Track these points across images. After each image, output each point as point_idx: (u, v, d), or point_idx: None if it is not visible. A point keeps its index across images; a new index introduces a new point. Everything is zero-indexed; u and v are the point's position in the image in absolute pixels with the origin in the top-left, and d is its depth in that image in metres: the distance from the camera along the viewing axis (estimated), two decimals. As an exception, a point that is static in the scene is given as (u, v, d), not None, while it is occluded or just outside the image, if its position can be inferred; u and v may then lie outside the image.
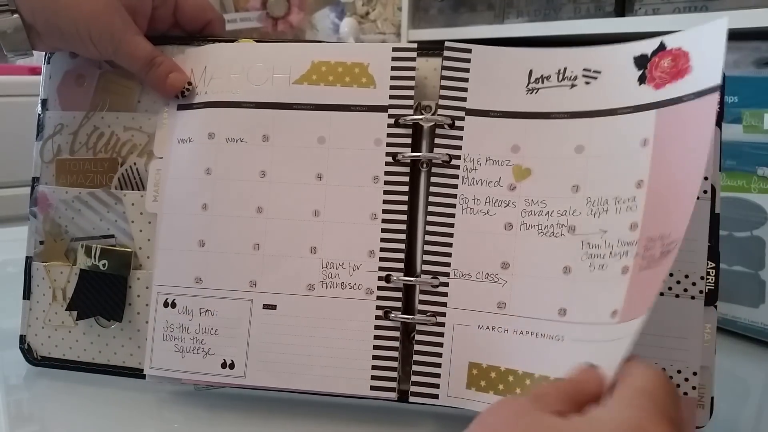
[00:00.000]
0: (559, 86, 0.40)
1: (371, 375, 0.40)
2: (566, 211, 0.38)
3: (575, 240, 0.38)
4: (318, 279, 0.41)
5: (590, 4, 1.04)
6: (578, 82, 0.39)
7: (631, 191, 0.36)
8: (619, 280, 0.35)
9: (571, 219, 0.38)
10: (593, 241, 0.37)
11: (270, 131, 0.43)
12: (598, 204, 0.37)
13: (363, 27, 1.51)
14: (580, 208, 0.38)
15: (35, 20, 0.41)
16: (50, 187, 0.46)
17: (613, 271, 0.35)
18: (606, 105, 0.38)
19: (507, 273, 0.39)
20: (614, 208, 0.37)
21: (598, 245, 0.37)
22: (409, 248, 0.41)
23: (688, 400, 0.38)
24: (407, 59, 0.42)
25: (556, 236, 0.38)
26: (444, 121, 0.40)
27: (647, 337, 0.38)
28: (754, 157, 0.57)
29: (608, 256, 0.36)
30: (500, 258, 0.39)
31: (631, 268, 0.35)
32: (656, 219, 0.34)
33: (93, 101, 0.46)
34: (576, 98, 0.39)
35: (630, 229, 0.35)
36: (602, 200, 0.37)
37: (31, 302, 0.46)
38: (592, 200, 0.37)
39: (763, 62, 0.66)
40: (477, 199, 0.40)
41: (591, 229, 0.37)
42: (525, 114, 0.40)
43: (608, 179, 0.37)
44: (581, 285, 0.37)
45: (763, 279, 0.57)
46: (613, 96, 0.38)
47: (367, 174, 0.42)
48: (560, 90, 0.39)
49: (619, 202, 0.36)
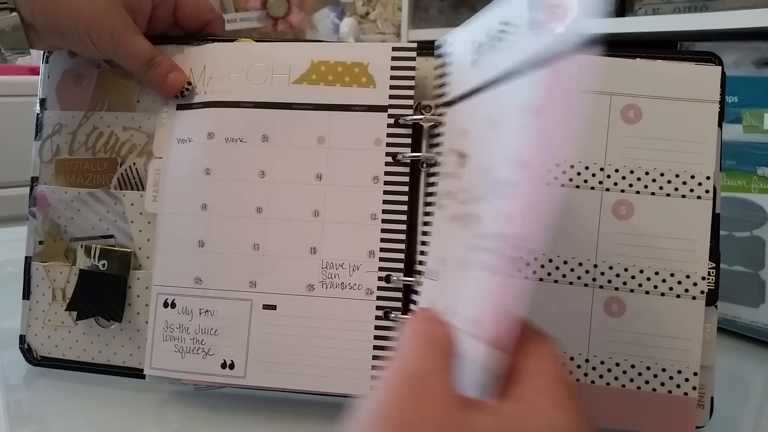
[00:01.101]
0: None
1: (371, 375, 0.40)
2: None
3: None
4: (318, 279, 0.41)
5: (590, 4, 1.04)
6: None
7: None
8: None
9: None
10: None
11: (269, 131, 0.43)
12: None
13: (363, 27, 1.51)
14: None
15: (34, 19, 0.41)
16: (49, 187, 0.46)
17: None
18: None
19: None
20: None
21: None
22: (409, 248, 0.41)
23: (689, 399, 0.38)
24: (407, 58, 0.42)
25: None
26: (444, 121, 0.40)
27: (648, 337, 0.39)
28: (754, 157, 0.57)
29: None
30: None
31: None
32: None
33: (92, 101, 0.46)
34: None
35: None
36: None
37: (30, 302, 0.46)
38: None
39: (763, 62, 0.66)
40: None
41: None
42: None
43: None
44: None
45: (763, 279, 0.57)
46: None
47: (367, 174, 0.41)
48: None
49: None
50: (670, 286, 0.39)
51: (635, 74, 0.40)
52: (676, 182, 0.39)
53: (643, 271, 0.39)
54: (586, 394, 0.39)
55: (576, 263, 0.39)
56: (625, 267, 0.39)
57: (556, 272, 0.39)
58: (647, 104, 0.40)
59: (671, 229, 0.39)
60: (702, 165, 0.39)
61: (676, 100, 0.40)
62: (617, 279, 0.39)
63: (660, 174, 0.39)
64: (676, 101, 0.40)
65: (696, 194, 0.39)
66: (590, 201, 0.39)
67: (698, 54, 0.41)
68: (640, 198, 0.39)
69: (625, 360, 0.39)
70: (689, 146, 0.39)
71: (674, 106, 0.40)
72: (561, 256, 0.39)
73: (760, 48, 0.65)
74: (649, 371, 0.38)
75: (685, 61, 0.40)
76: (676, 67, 0.40)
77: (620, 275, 0.39)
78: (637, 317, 0.39)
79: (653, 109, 0.40)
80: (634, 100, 0.40)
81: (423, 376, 0.24)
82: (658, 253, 0.39)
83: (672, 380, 0.38)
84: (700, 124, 0.39)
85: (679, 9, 0.86)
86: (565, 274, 0.39)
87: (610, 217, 0.39)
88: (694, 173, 0.39)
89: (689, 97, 0.39)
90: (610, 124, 0.40)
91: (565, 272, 0.39)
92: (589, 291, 0.39)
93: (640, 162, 0.39)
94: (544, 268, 0.39)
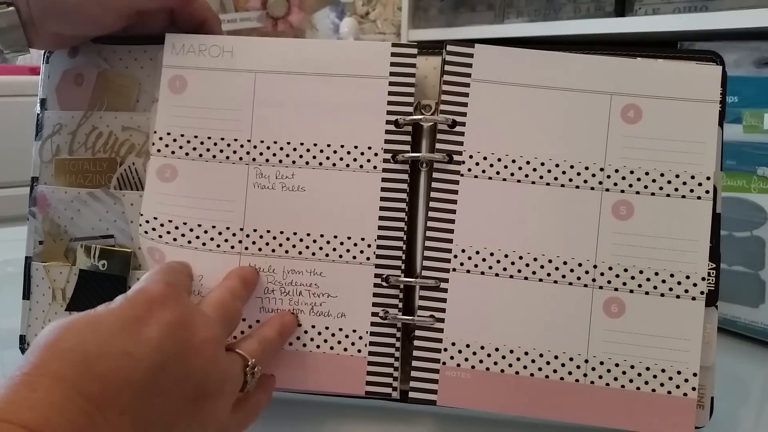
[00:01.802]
0: None
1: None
2: None
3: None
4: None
5: (590, 4, 1.04)
6: None
7: None
8: None
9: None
10: None
11: None
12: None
13: (363, 27, 1.51)
14: None
15: (31, 9, 0.41)
16: (49, 187, 0.46)
17: None
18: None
19: None
20: None
21: None
22: (409, 248, 0.41)
23: (688, 400, 0.38)
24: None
25: None
26: (444, 122, 0.40)
27: (647, 338, 0.38)
28: (754, 157, 0.56)
29: None
30: None
31: None
32: None
33: (91, 101, 0.46)
34: None
35: None
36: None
37: (30, 302, 0.46)
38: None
39: (763, 62, 0.66)
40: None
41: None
42: None
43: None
44: None
45: (763, 279, 0.57)
46: None
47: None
48: None
49: None
50: (669, 287, 0.39)
51: (635, 74, 0.40)
52: (676, 182, 0.39)
53: (642, 272, 0.39)
54: (586, 395, 0.39)
55: (576, 263, 0.39)
56: (625, 267, 0.39)
57: (555, 273, 0.39)
58: (647, 104, 0.40)
59: (671, 229, 0.39)
60: (702, 165, 0.39)
61: (676, 100, 0.40)
62: (617, 279, 0.39)
63: (660, 174, 0.39)
64: (676, 101, 0.39)
65: (696, 194, 0.39)
66: (590, 201, 0.39)
67: (699, 53, 0.41)
68: (640, 198, 0.39)
69: (625, 360, 0.39)
70: (689, 146, 0.39)
71: (674, 106, 0.39)
72: (561, 256, 0.39)
73: (760, 48, 0.65)
74: (649, 372, 0.38)
75: (685, 61, 0.40)
76: (676, 66, 0.40)
77: (620, 276, 0.39)
78: (637, 318, 0.39)
79: (653, 109, 0.39)
80: (635, 100, 0.40)
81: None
82: (658, 253, 0.39)
83: (671, 381, 0.38)
84: (701, 124, 0.39)
85: (679, 9, 0.86)
86: (565, 274, 0.39)
87: (610, 217, 0.39)
88: (694, 173, 0.39)
89: (689, 97, 0.39)
90: (610, 124, 0.40)
91: (564, 273, 0.39)
92: (588, 291, 0.39)
93: (640, 162, 0.39)
94: (543, 269, 0.39)
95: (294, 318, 0.41)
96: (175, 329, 0.30)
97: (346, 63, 0.42)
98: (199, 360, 0.30)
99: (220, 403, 0.31)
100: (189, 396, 0.30)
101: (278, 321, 0.40)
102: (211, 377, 0.31)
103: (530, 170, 0.40)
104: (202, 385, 0.30)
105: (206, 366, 0.31)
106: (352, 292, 0.41)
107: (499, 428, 0.42)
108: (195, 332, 0.31)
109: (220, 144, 0.42)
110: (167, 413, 0.29)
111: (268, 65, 0.42)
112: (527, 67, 0.40)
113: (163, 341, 0.29)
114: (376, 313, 0.40)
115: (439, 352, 0.39)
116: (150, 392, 0.28)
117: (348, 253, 0.41)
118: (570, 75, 0.40)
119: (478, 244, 0.40)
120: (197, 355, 0.30)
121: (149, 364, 0.28)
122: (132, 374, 0.27)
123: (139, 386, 0.27)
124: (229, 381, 0.32)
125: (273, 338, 0.38)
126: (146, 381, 0.28)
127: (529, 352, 0.39)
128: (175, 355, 0.29)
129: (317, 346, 0.41)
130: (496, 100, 0.40)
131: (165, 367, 0.29)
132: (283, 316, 0.41)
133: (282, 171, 0.42)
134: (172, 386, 0.29)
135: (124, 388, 0.27)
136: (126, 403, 0.27)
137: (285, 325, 0.40)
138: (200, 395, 0.30)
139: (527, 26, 1.13)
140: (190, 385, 0.30)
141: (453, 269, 0.40)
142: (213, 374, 0.31)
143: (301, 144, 0.41)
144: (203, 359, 0.30)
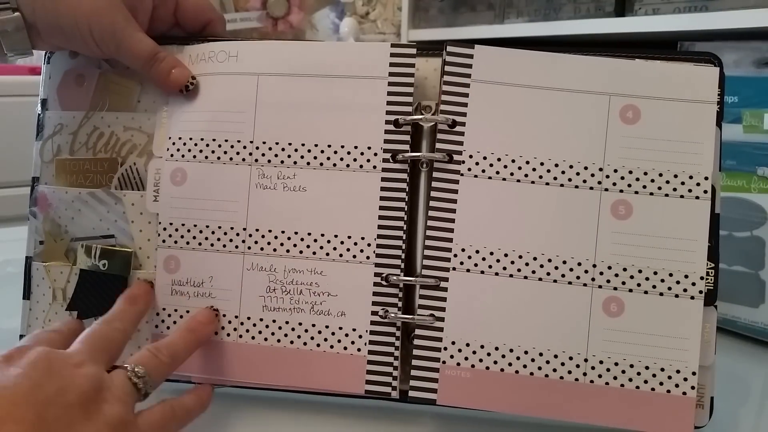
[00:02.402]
0: None
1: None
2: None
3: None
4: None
5: (590, 4, 1.04)
6: None
7: None
8: None
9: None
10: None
11: None
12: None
13: (363, 27, 1.51)
14: None
15: (36, 18, 0.41)
16: (50, 187, 0.46)
17: None
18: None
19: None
20: None
21: None
22: (409, 247, 0.41)
23: (687, 399, 0.38)
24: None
25: None
26: (444, 122, 0.40)
27: (647, 337, 0.39)
28: (754, 157, 0.57)
29: None
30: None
31: None
32: None
33: (93, 101, 0.46)
34: None
35: None
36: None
37: (31, 302, 0.46)
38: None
39: (763, 62, 0.66)
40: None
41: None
42: None
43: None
44: None
45: (763, 279, 0.57)
46: None
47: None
48: None
49: None
50: (668, 286, 0.39)
51: (634, 75, 0.40)
52: (674, 182, 0.39)
53: (641, 271, 0.39)
54: (586, 394, 0.39)
55: (575, 263, 0.39)
56: (624, 267, 0.39)
57: (555, 272, 0.39)
58: (646, 105, 0.40)
59: (670, 229, 0.39)
60: (700, 165, 0.39)
61: (674, 100, 0.40)
62: (616, 279, 0.39)
63: (658, 174, 0.39)
64: (674, 102, 0.40)
65: (694, 194, 0.39)
66: (589, 201, 0.40)
67: (697, 54, 0.41)
68: (638, 198, 0.39)
69: (624, 360, 0.39)
70: (687, 147, 0.39)
71: (672, 106, 0.40)
72: (560, 256, 0.39)
73: (760, 48, 0.65)
74: (648, 371, 0.39)
75: (683, 62, 0.41)
76: (674, 67, 0.40)
77: (619, 275, 0.39)
78: (636, 317, 0.39)
79: (652, 110, 0.40)
80: (633, 100, 0.40)
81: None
82: (657, 253, 0.39)
83: (671, 380, 0.38)
84: (698, 124, 0.39)
85: (679, 9, 0.86)
86: (564, 273, 0.39)
87: (609, 217, 0.39)
88: (693, 173, 0.39)
89: (687, 98, 0.40)
90: (609, 124, 0.40)
91: (564, 272, 0.39)
92: (587, 291, 0.39)
93: (638, 162, 0.40)
94: (543, 268, 0.39)
95: (207, 309, 0.42)
96: (41, 362, 0.32)
97: (346, 64, 0.42)
98: (65, 375, 0.32)
99: (107, 408, 0.33)
100: (74, 403, 0.31)
101: (187, 318, 0.42)
102: (83, 386, 0.32)
103: (530, 170, 0.40)
104: (80, 393, 0.32)
105: (75, 379, 0.32)
106: (352, 291, 0.41)
107: (499, 428, 0.42)
108: (58, 358, 0.33)
109: (224, 146, 0.42)
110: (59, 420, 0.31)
111: (270, 68, 0.42)
112: (527, 67, 0.40)
113: (28, 372, 0.32)
114: (376, 312, 0.41)
115: (438, 351, 0.40)
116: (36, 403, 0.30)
117: (348, 252, 0.41)
118: (569, 76, 0.40)
119: (478, 244, 0.40)
120: (61, 373, 0.32)
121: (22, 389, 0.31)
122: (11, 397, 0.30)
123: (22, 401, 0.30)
124: (106, 389, 0.33)
125: (175, 340, 0.39)
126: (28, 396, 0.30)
127: (528, 351, 0.39)
128: (42, 377, 0.32)
129: (317, 344, 0.41)
130: (496, 101, 0.40)
131: (39, 385, 0.31)
132: (197, 312, 0.42)
133: (283, 171, 0.42)
134: (54, 397, 0.31)
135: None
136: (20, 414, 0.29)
137: (193, 320, 0.41)
138: (83, 402, 0.32)
139: (527, 26, 1.13)
140: (71, 395, 0.31)
141: (453, 268, 0.40)
142: (83, 384, 0.32)
143: (302, 145, 0.42)
144: (70, 374, 0.32)
